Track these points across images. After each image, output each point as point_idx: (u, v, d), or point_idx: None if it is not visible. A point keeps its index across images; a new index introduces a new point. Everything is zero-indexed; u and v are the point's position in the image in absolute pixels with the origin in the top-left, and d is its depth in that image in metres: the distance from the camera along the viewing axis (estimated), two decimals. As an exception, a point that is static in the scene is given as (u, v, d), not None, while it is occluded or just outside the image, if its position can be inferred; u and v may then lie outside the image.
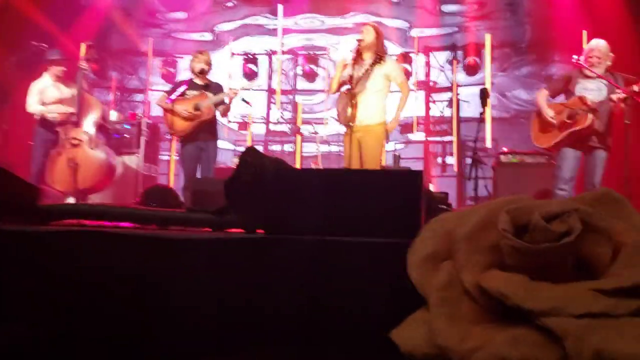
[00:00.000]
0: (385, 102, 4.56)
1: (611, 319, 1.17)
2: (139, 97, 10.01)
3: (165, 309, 1.74)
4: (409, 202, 1.86)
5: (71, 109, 5.26)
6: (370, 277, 1.67)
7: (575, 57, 4.38)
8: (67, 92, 5.48)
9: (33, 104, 5.39)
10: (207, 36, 10.08)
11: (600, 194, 1.49)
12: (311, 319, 1.68)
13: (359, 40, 4.48)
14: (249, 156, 1.85)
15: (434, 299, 1.38)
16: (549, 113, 4.39)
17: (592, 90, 4.32)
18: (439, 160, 8.87)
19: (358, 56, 4.55)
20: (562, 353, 1.14)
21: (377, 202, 1.85)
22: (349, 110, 4.31)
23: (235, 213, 1.92)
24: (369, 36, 4.52)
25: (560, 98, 4.59)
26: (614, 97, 4.13)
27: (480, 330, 1.26)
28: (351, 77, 4.40)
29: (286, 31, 9.52)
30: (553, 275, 1.31)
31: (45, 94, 5.43)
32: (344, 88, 4.57)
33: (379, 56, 4.45)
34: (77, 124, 5.29)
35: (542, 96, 4.55)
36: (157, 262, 1.78)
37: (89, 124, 5.33)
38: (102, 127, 5.49)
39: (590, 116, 4.18)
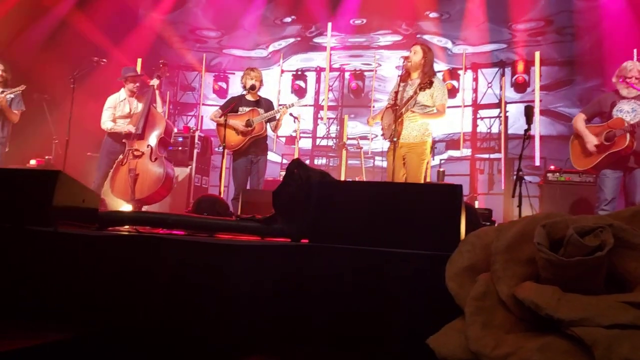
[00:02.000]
0: (429, 121, 4.61)
1: (641, 330, 1.20)
2: (191, 111, 10.40)
3: (213, 311, 1.86)
4: (449, 216, 1.90)
5: (133, 128, 5.56)
6: (409, 287, 1.73)
7: (614, 79, 4.39)
8: (138, 107, 5.82)
9: (106, 121, 5.78)
10: (259, 53, 10.39)
11: (636, 211, 1.51)
12: (351, 325, 1.75)
13: (406, 58, 4.57)
14: (295, 167, 1.95)
15: (469, 308, 1.44)
16: (591, 140, 4.40)
17: (628, 112, 4.31)
18: (486, 177, 8.80)
19: (406, 75, 4.64)
20: (591, 362, 1.18)
21: (418, 215, 1.90)
22: (394, 127, 4.38)
23: (282, 222, 2.02)
24: (417, 56, 4.60)
25: (596, 120, 4.59)
26: None
27: (513, 338, 1.31)
28: (396, 93, 4.49)
29: (334, 48, 9.71)
30: (585, 288, 1.35)
31: (117, 108, 5.81)
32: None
33: (428, 80, 4.42)
34: (141, 137, 5.57)
35: (580, 120, 4.56)
36: (207, 267, 1.89)
37: (152, 138, 5.59)
38: (165, 141, 5.73)
39: (628, 137, 4.17)
